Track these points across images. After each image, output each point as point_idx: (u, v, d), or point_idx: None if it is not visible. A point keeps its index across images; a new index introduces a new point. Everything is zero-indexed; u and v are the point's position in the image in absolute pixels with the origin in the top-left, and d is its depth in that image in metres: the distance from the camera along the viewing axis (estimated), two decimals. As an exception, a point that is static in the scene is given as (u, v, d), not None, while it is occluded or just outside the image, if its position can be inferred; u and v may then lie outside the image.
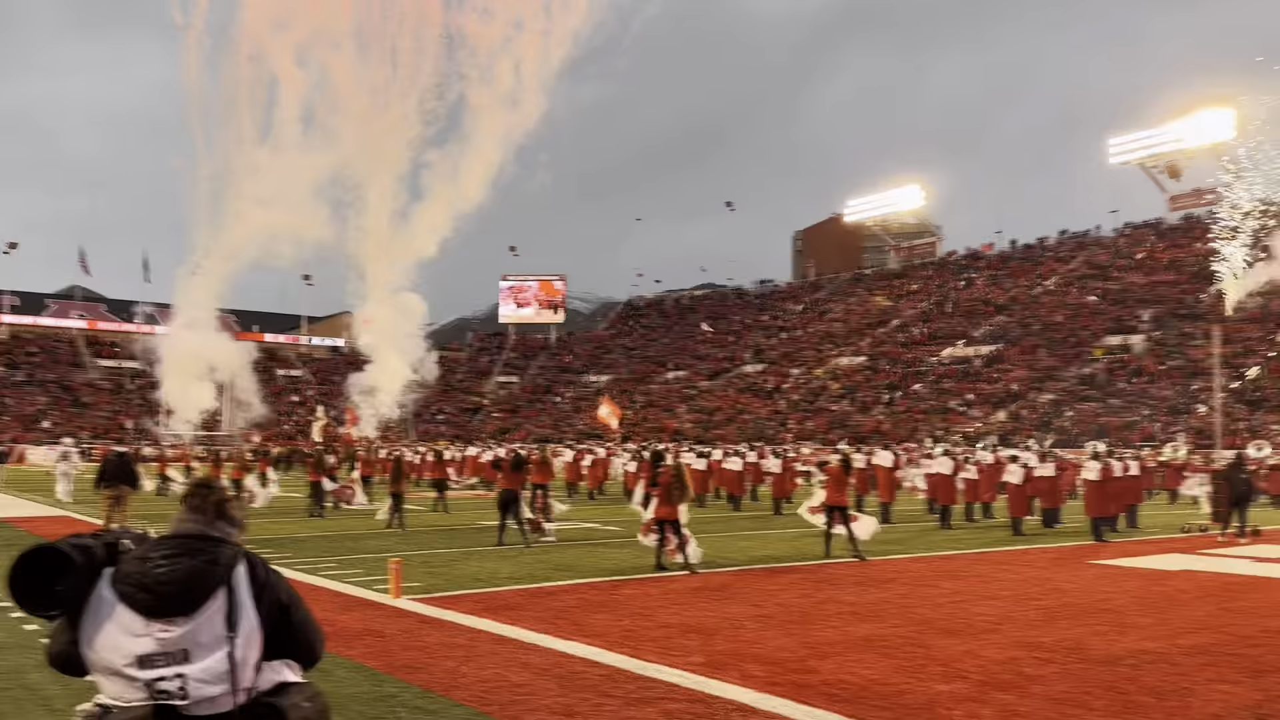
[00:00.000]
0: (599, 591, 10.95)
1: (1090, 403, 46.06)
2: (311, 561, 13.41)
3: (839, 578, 12.27)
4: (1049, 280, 63.53)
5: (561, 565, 13.14)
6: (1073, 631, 8.84)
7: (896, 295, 72.48)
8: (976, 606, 10.19)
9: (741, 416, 60.61)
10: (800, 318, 77.13)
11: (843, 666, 7.36)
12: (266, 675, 2.61)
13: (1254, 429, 37.75)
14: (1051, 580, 12.27)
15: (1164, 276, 56.65)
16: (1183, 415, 41.44)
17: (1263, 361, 43.58)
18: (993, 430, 45.17)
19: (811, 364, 66.06)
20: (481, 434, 65.98)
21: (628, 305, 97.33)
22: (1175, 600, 10.73)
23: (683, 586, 11.37)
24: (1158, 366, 47.18)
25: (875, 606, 10.13)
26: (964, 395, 52.29)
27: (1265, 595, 11.10)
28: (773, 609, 9.91)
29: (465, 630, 8.67)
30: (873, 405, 55.59)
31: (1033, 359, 53.68)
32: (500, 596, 10.56)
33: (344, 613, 9.56)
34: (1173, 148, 60.79)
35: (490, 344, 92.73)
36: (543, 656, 7.62)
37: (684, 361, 77.30)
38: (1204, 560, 14.42)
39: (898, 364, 60.33)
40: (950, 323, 63.57)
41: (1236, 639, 8.52)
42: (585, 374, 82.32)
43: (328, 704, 2.71)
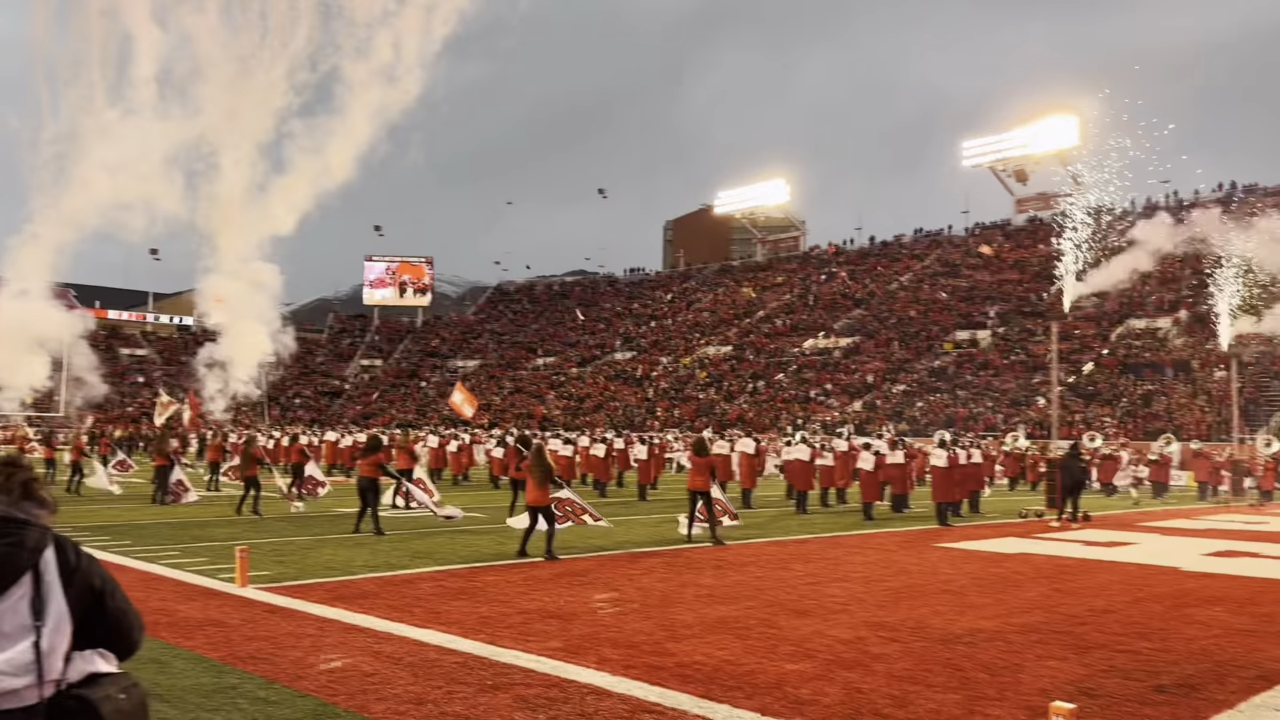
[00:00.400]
0: (458, 579, 10.79)
1: (939, 394, 48.23)
2: (152, 549, 12.76)
3: (698, 562, 12.46)
4: (904, 276, 66.13)
5: (420, 553, 12.89)
6: (916, 611, 9.23)
7: (762, 287, 74.11)
8: (827, 588, 10.52)
9: (610, 404, 60.89)
10: (670, 306, 77.97)
11: (697, 648, 7.47)
12: (77, 665, 2.44)
13: (1088, 421, 40.29)
14: (899, 563, 12.78)
15: (1009, 275, 59.76)
16: (1023, 407, 43.87)
17: (1096, 358, 46.54)
18: (850, 419, 46.78)
19: (680, 352, 66.91)
20: (342, 419, 64.20)
21: (497, 290, 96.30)
22: (1011, 582, 11.33)
23: (544, 573, 11.32)
24: (1002, 361, 49.78)
25: (731, 589, 10.33)
26: (823, 385, 53.94)
27: (1093, 577, 11.85)
28: (632, 593, 9.98)
29: (315, 620, 8.39)
30: (738, 394, 56.74)
31: (888, 351, 55.83)
32: (354, 585, 10.27)
33: (185, 602, 9.13)
34: (1020, 153, 64.08)
35: (352, 326, 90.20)
36: (395, 645, 7.45)
37: (554, 348, 77.09)
38: (1039, 544, 15.29)
39: (762, 354, 61.74)
40: (812, 315, 65.44)
41: (1065, 618, 9.05)
42: (452, 359, 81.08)
43: (145, 696, 2.55)
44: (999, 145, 65.18)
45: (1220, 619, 9.08)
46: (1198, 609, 9.59)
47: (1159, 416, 39.35)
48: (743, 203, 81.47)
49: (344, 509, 18.79)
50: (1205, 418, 38.09)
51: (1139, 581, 11.42)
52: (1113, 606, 9.68)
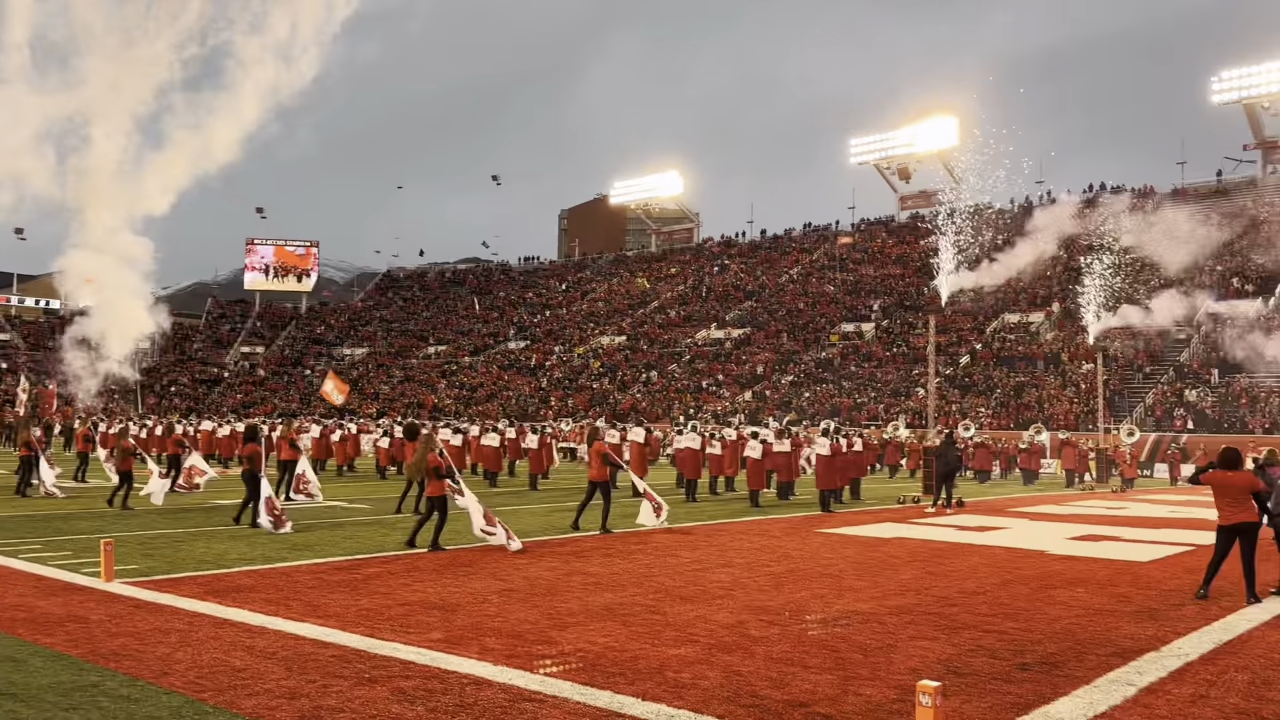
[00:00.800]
0: (339, 571, 10.54)
1: (826, 384, 49.43)
2: (12, 543, 12.07)
3: (587, 550, 12.47)
4: (793, 270, 67.47)
5: (300, 545, 12.54)
6: (796, 595, 9.45)
7: (656, 278, 74.54)
8: (712, 574, 10.67)
9: (504, 393, 60.39)
10: (564, 296, 77.72)
11: (582, 636, 7.48)
12: None
13: (964, 411, 41.90)
14: (782, 548, 13.06)
15: (893, 270, 61.60)
16: (904, 398, 45.32)
17: (972, 351, 48.41)
18: (740, 409, 47.53)
19: (574, 342, 66.78)
20: (220, 408, 61.93)
21: (386, 276, 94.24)
22: (887, 565, 11.70)
23: (429, 564, 11.16)
24: (884, 353, 51.31)
25: (618, 577, 10.38)
26: (715, 376, 54.64)
27: (964, 560, 12.32)
28: (518, 583, 9.92)
29: (184, 614, 8.08)
30: (632, 384, 56.99)
31: (777, 343, 56.90)
32: (228, 579, 9.93)
33: (45, 598, 8.67)
34: (904, 151, 66.05)
35: (232, 312, 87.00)
36: (270, 639, 7.23)
37: (446, 336, 75.95)
38: (915, 529, 15.84)
39: (656, 344, 62.14)
40: (705, 306, 66.17)
41: (937, 600, 9.40)
42: (338, 346, 79.08)
43: None
44: (883, 144, 66.99)
45: (1081, 599, 9.56)
46: (1061, 590, 10.07)
47: (1030, 407, 41.19)
48: (638, 193, 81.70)
49: (221, 500, 18.15)
50: (1073, 408, 40.04)
51: (1007, 564, 11.93)
52: (982, 588, 10.09)
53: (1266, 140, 55.84)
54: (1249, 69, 53.70)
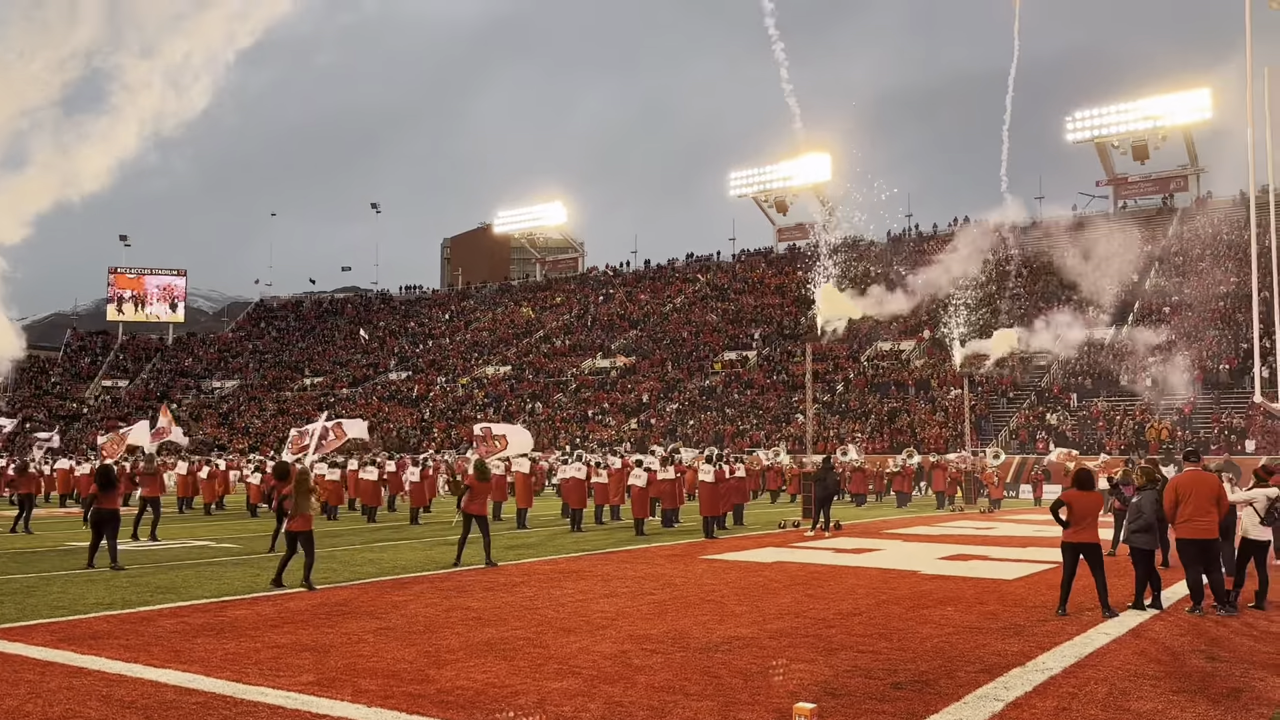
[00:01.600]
0: (204, 614, 10.05)
1: (710, 412, 50.08)
2: None
3: (469, 585, 12.25)
4: (677, 299, 68.32)
5: (163, 588, 11.92)
6: (679, 623, 9.48)
7: (542, 307, 74.33)
8: (596, 604, 10.62)
9: (384, 425, 59.02)
10: (448, 325, 76.66)
11: (461, 673, 7.32)
12: None
13: (841, 436, 43.05)
14: (666, 576, 13.10)
15: (772, 300, 63.06)
16: (784, 424, 46.29)
17: (846, 378, 49.87)
18: (626, 437, 47.65)
19: (458, 372, 65.87)
20: (80, 444, 58.62)
21: (259, 306, 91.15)
22: (768, 589, 11.88)
23: (301, 605, 10.76)
24: (765, 380, 52.37)
25: (500, 610, 10.22)
26: (601, 404, 54.70)
27: (841, 583, 12.61)
28: (396, 621, 9.66)
29: (35, 664, 7.57)
30: (517, 414, 56.51)
31: (662, 371, 57.40)
32: (84, 625, 9.36)
33: None
34: (780, 185, 67.96)
35: (93, 344, 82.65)
36: (129, 688, 6.83)
37: (323, 367, 73.85)
38: (795, 552, 16.13)
39: (541, 374, 61.85)
40: (590, 335, 66.29)
41: (815, 622, 9.58)
42: (207, 379, 75.96)
43: None
44: (761, 178, 68.75)
45: (952, 618, 9.89)
46: (933, 609, 10.41)
47: (903, 431, 42.62)
48: (522, 223, 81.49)
49: (77, 542, 17.14)
50: (943, 432, 41.63)
51: (882, 585, 12.27)
52: (858, 609, 10.34)
53: (1117, 176, 59.63)
54: (1100, 109, 57.30)
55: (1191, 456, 10.80)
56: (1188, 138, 56.38)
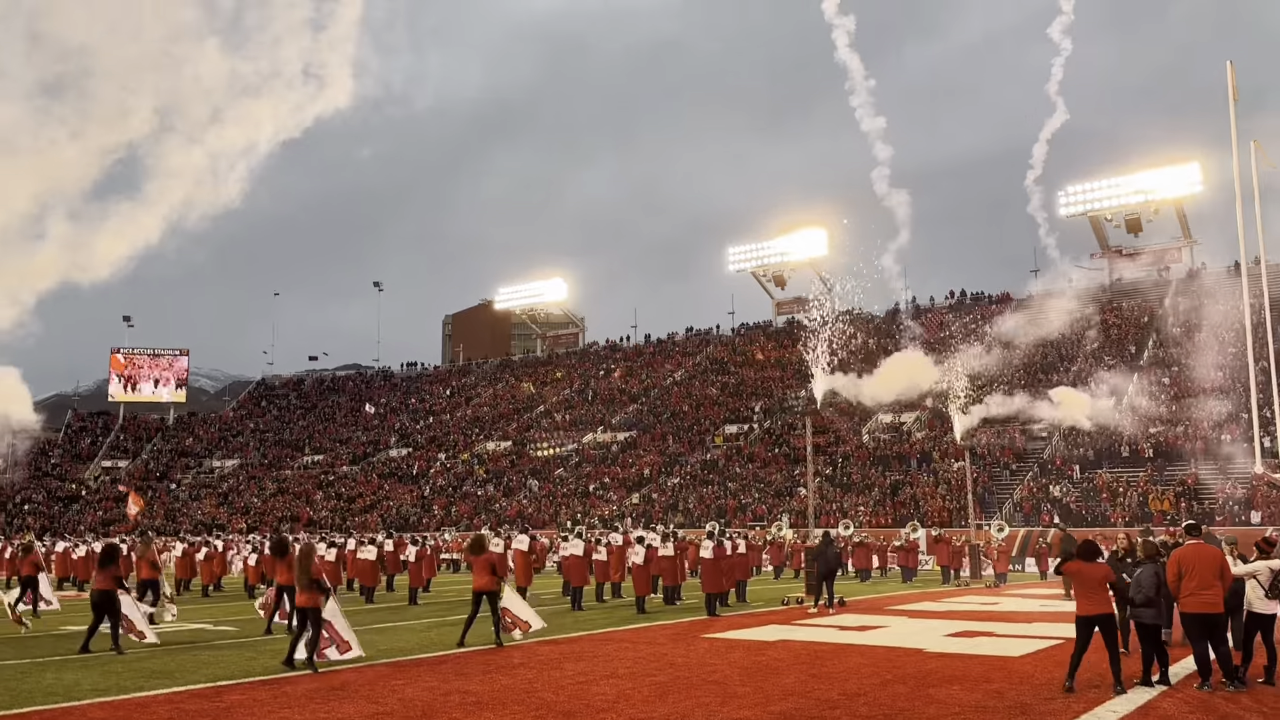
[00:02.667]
0: (199, 700, 9.92)
1: (711, 485, 49.84)
2: None
3: (468, 667, 12.09)
4: (677, 373, 68.54)
5: (158, 672, 11.77)
6: (681, 705, 9.35)
7: (542, 382, 74.50)
8: (597, 686, 10.47)
9: (384, 503, 58.70)
10: (448, 401, 76.75)
11: (459, 760, 7.21)
12: None
13: (844, 510, 42.77)
14: (668, 656, 12.93)
15: (772, 373, 63.23)
16: (787, 497, 46.03)
17: (848, 451, 49.76)
18: (628, 512, 47.34)
19: (458, 448, 65.73)
20: (79, 526, 58.24)
21: (260, 384, 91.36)
22: (772, 669, 11.72)
23: (297, 689, 10.62)
24: (767, 454, 52.22)
25: (499, 694, 10.08)
26: (602, 479, 54.47)
27: (846, 661, 12.45)
28: (393, 705, 9.53)
29: (24, 756, 7.46)
30: (518, 490, 56.24)
31: (663, 445, 57.28)
32: (79, 712, 9.23)
33: None
34: (778, 260, 68.75)
35: (94, 424, 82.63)
36: (120, 779, 6.73)
37: (323, 445, 73.73)
38: (799, 630, 15.93)
39: (542, 448, 61.70)
40: (591, 410, 66.31)
41: (819, 703, 9.44)
42: (208, 458, 75.76)
43: None
44: (759, 253, 69.58)
45: (958, 697, 9.75)
46: (938, 688, 10.26)
47: (906, 504, 42.36)
48: (523, 299, 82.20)
49: (73, 626, 16.94)
50: (946, 505, 41.37)
51: (886, 664, 12.10)
52: (863, 689, 10.20)
53: (1111, 249, 60.29)
54: (1092, 184, 58.18)
55: (1193, 530, 10.75)
56: (1179, 211, 57.13)
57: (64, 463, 75.68)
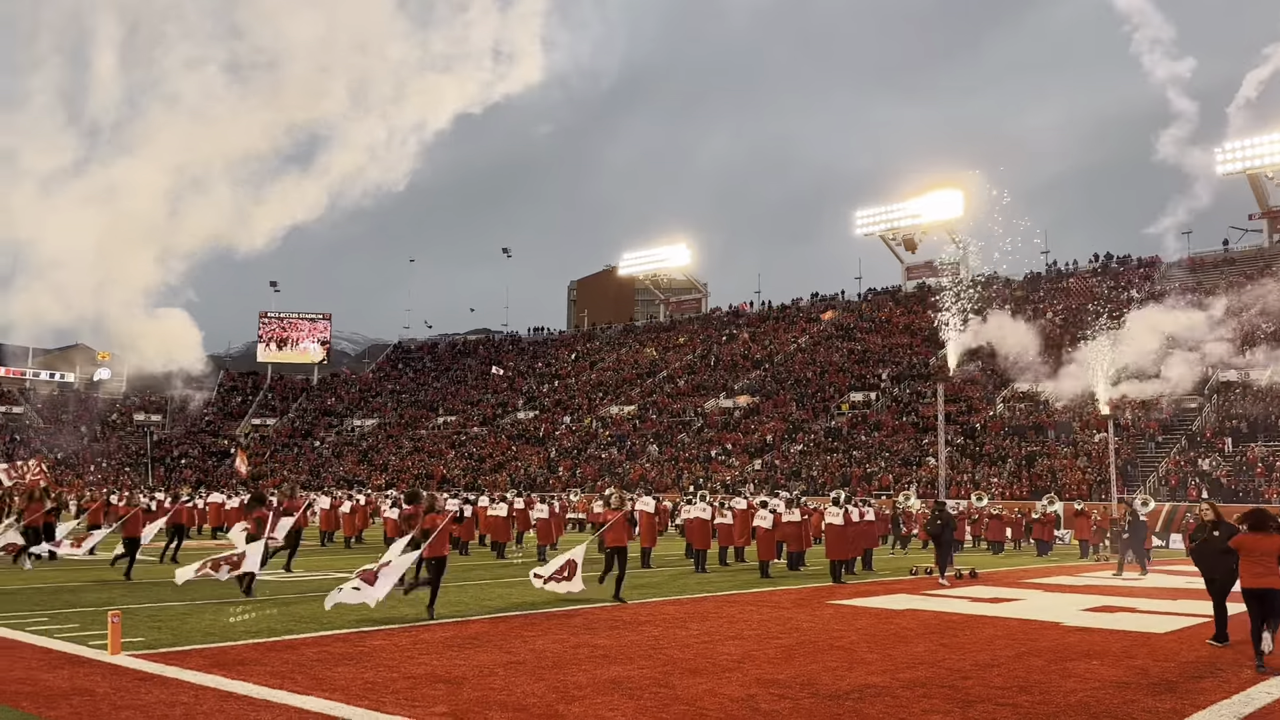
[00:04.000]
0: (344, 644, 10.44)
1: (835, 454, 49.20)
2: (18, 616, 12.01)
3: (595, 622, 12.34)
4: (801, 339, 67.69)
5: (306, 617, 12.45)
6: (808, 668, 9.31)
7: (665, 348, 74.82)
8: (722, 646, 10.54)
9: (513, 463, 60.25)
10: (573, 366, 77.97)
11: (589, 710, 7.38)
12: None
13: (975, 481, 41.60)
14: (793, 620, 12.89)
15: (900, 339, 61.74)
16: (915, 467, 45.05)
17: (982, 420, 48.25)
18: (749, 478, 47.26)
19: (582, 412, 66.80)
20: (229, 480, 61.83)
21: (397, 347, 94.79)
22: (900, 637, 11.54)
23: (435, 637, 11.05)
24: (894, 422, 51.16)
25: (627, 649, 10.26)
26: (724, 445, 54.47)
27: (978, 632, 12.15)
28: (525, 655, 9.81)
29: (190, 687, 8.01)
30: (640, 453, 56.82)
31: (786, 411, 56.80)
32: (234, 651, 9.85)
33: (50, 671, 8.61)
34: (909, 223, 66.72)
35: (244, 384, 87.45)
36: (274, 713, 7.16)
37: (455, 406, 76.09)
38: (928, 600, 15.63)
39: (665, 414, 62.09)
40: (714, 375, 66.27)
41: (950, 673, 9.25)
42: (348, 417, 79.22)
43: None
44: (889, 215, 67.72)
45: (1098, 672, 9.40)
46: (1077, 662, 9.91)
47: (1042, 477, 40.88)
48: (647, 264, 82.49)
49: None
50: (1086, 478, 39.72)
51: (1021, 636, 11.76)
52: (996, 661, 9.94)
53: (1271, 209, 56.26)
54: (1253, 140, 54.35)
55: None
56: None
57: (217, 419, 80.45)
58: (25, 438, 71.69)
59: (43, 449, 67.81)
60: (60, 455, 68.47)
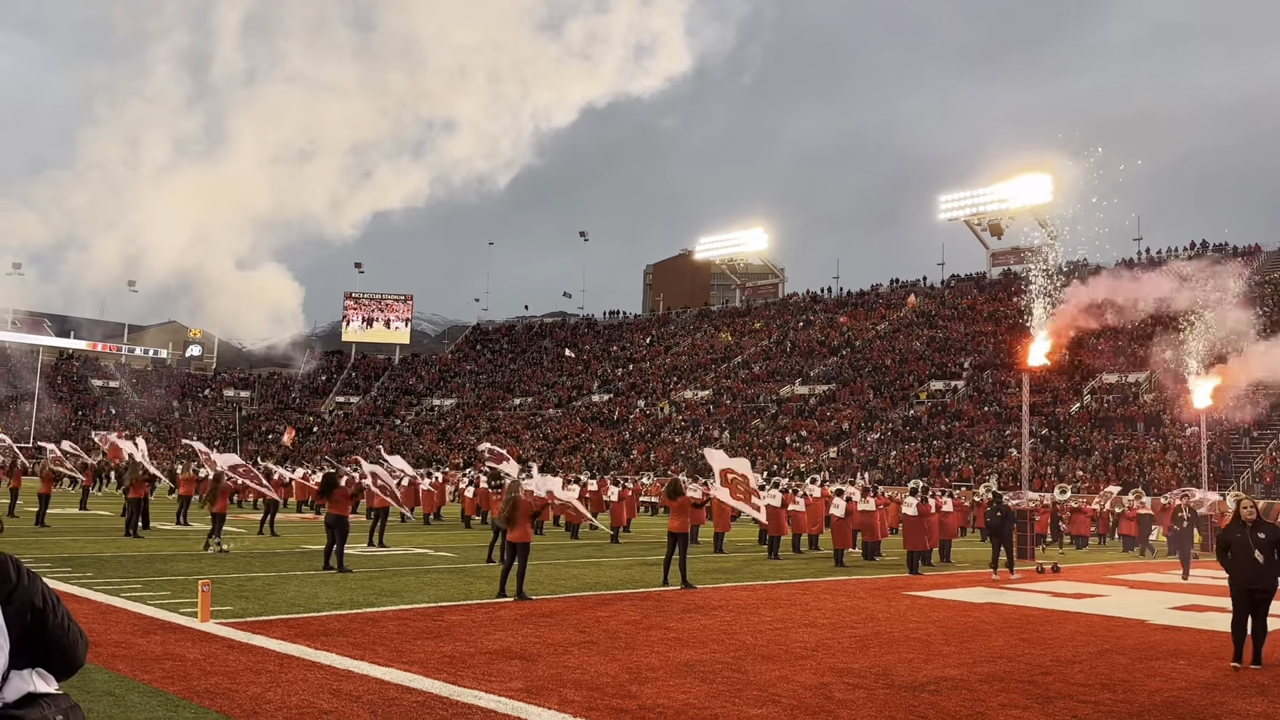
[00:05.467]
0: (423, 618, 10.67)
1: (914, 443, 48.42)
2: (114, 582, 12.56)
3: (667, 605, 12.39)
4: (880, 325, 66.67)
5: (386, 591, 12.75)
6: (883, 659, 9.21)
7: (740, 333, 74.44)
8: (795, 633, 10.48)
9: (586, 445, 60.70)
10: (648, 350, 78.12)
11: (662, 691, 7.42)
12: (14, 685, 2.40)
13: (1060, 473, 40.54)
14: (867, 609, 12.76)
15: (984, 327, 60.37)
16: (996, 458, 44.09)
17: (1069, 412, 46.96)
18: (825, 466, 46.81)
19: (657, 396, 66.92)
20: (317, 454, 63.56)
21: (475, 329, 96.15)
22: (978, 631, 11.34)
23: (510, 614, 11.22)
24: (975, 411, 50.11)
25: (699, 633, 10.28)
26: (799, 431, 54.05)
27: (1060, 628, 11.87)
28: (598, 635, 9.90)
29: (275, 656, 8.28)
30: (715, 438, 56.72)
31: (863, 399, 56.08)
32: (317, 622, 10.15)
33: (144, 636, 8.99)
34: (996, 207, 65.02)
35: (329, 362, 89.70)
36: (356, 683, 7.36)
37: (531, 388, 76.92)
38: (1008, 594, 15.30)
39: (739, 399, 61.86)
40: (789, 361, 65.73)
41: (1030, 668, 9.06)
42: (428, 397, 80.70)
43: (84, 718, 2.53)
44: (974, 200, 66.09)
45: (1184, 672, 9.11)
46: (1162, 661, 9.62)
47: (1130, 470, 39.64)
48: (723, 249, 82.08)
49: (312, 546, 18.59)
50: (1176, 473, 38.40)
51: (1105, 633, 11.45)
52: (1078, 657, 9.70)
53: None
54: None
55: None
56: None
57: (303, 396, 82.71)
58: (120, 411, 74.69)
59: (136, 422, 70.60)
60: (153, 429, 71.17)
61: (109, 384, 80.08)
